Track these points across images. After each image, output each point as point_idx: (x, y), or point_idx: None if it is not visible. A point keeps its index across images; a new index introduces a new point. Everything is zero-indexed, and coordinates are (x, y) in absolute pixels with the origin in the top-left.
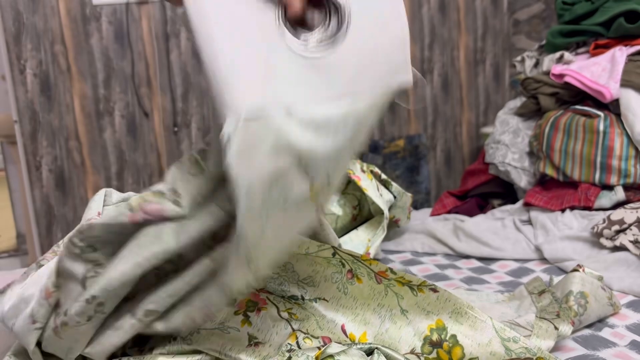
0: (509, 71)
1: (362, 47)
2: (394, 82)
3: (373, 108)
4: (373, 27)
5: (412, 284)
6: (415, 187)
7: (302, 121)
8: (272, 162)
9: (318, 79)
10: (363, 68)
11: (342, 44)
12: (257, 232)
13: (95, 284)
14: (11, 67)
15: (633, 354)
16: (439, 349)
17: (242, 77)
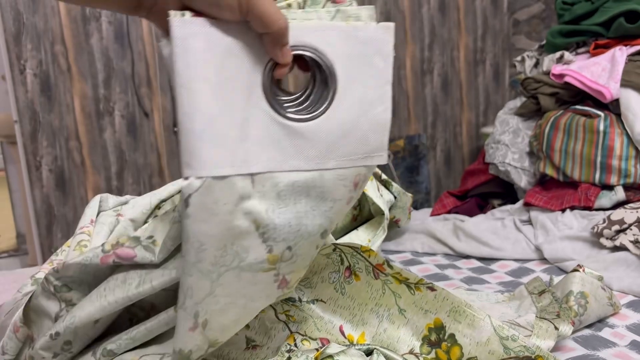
0: (508, 71)
1: (341, 124)
2: (366, 162)
3: (340, 183)
4: (356, 107)
5: (409, 282)
6: (415, 187)
7: (264, 187)
8: (229, 223)
9: (289, 144)
10: (337, 143)
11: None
12: (206, 290)
13: (61, 321)
14: (11, 67)
15: (633, 354)
16: (437, 349)
17: (215, 137)
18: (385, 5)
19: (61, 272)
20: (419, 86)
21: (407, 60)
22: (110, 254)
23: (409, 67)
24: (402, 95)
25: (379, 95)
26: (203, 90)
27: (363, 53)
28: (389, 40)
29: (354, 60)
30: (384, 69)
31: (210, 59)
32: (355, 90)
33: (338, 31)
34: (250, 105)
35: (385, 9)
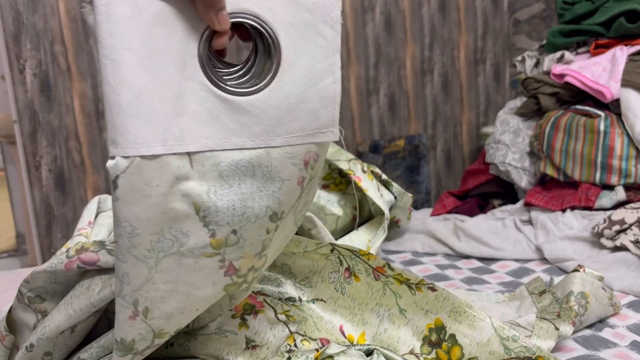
0: (509, 71)
1: (287, 97)
2: (316, 139)
3: (289, 161)
4: (303, 79)
5: (410, 282)
6: (415, 187)
7: (204, 166)
8: (164, 206)
9: (231, 120)
10: (284, 118)
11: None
12: (144, 276)
13: (34, 333)
14: (10, 67)
15: (634, 354)
16: (437, 349)
17: (144, 111)
18: (385, 5)
19: (31, 283)
20: (419, 86)
21: (407, 60)
22: (74, 259)
23: (409, 67)
24: (402, 95)
25: (327, 66)
26: (129, 61)
27: (309, 21)
28: (336, 6)
29: (299, 29)
30: (332, 37)
31: (136, 27)
32: (301, 61)
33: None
34: (186, 77)
35: (385, 8)
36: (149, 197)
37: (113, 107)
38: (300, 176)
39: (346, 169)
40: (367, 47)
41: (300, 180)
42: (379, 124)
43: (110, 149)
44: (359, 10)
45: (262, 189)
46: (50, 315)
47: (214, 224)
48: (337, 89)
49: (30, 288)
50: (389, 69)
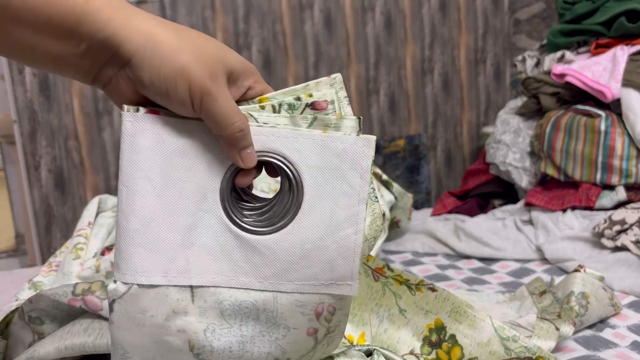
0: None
1: (303, 242)
2: (330, 290)
3: (298, 310)
4: (323, 225)
5: (409, 283)
6: (415, 187)
7: (206, 302)
8: (157, 337)
9: (242, 258)
10: (297, 263)
11: (283, 230)
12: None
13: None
14: (10, 67)
15: (634, 355)
16: (438, 350)
17: (149, 240)
18: (386, 4)
19: (34, 304)
20: (420, 86)
21: (408, 59)
22: (79, 299)
23: (409, 67)
24: (402, 95)
25: (350, 216)
26: (144, 190)
27: (337, 166)
28: (369, 155)
29: (325, 174)
30: (360, 186)
31: (156, 159)
32: (323, 206)
33: (311, 139)
34: (203, 209)
35: (386, 8)
36: (143, 327)
37: (121, 232)
38: (311, 327)
39: None
40: (367, 47)
41: (312, 332)
42: (379, 124)
43: (114, 272)
44: (359, 10)
45: (265, 334)
46: (43, 341)
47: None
48: (359, 240)
49: (32, 308)
50: (389, 69)
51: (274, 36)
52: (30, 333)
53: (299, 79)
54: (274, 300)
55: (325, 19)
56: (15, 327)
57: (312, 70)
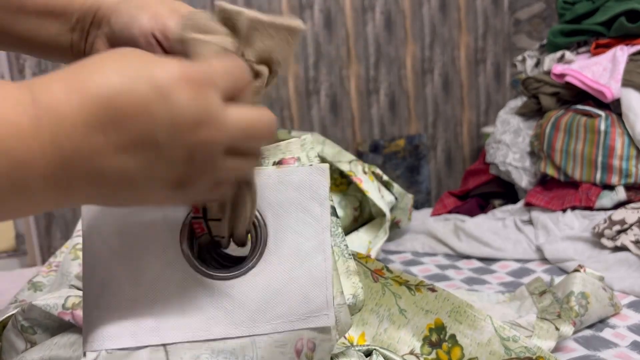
0: (509, 71)
1: (273, 278)
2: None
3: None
4: (291, 258)
5: (409, 283)
6: (415, 187)
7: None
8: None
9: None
10: (271, 302)
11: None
12: None
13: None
14: (10, 67)
15: (634, 355)
16: (438, 350)
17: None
18: (386, 4)
19: (27, 313)
20: (420, 86)
21: (408, 59)
22: (68, 313)
23: (409, 67)
24: (402, 95)
25: (317, 244)
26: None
27: (296, 199)
28: (325, 183)
29: (286, 208)
30: (321, 215)
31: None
32: (289, 240)
33: (267, 177)
34: (165, 263)
35: (386, 8)
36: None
37: (85, 300)
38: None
39: (347, 171)
40: (367, 47)
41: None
42: (379, 124)
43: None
44: (359, 9)
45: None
46: (31, 350)
47: None
48: (328, 266)
49: (25, 317)
50: (389, 69)
51: None
52: (23, 341)
53: (299, 79)
54: (252, 345)
55: (325, 19)
56: (10, 333)
57: (312, 70)
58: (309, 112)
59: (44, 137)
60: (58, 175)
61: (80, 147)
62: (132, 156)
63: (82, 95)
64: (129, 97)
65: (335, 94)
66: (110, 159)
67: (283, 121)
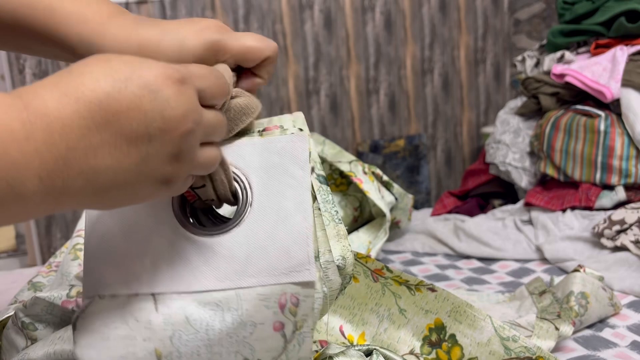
0: (509, 71)
1: (257, 235)
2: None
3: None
4: (273, 217)
5: (409, 283)
6: (415, 187)
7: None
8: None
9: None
10: (254, 257)
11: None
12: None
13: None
14: (10, 67)
15: (634, 355)
16: (438, 350)
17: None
18: (386, 4)
19: (29, 309)
20: (420, 86)
21: (408, 59)
22: (72, 301)
23: (409, 67)
24: (402, 95)
25: (297, 204)
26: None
27: (279, 163)
28: (305, 148)
29: (269, 171)
30: (302, 177)
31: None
32: (271, 200)
33: (251, 145)
34: (158, 222)
35: (386, 8)
36: (107, 340)
37: (85, 255)
38: (277, 321)
39: (347, 171)
40: (367, 47)
41: (279, 327)
42: (379, 124)
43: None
44: (359, 10)
45: (232, 335)
46: (34, 346)
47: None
48: (309, 225)
49: (26, 314)
50: (389, 69)
51: (274, 36)
52: (24, 339)
53: (299, 78)
54: (237, 298)
55: (325, 19)
56: (9, 331)
57: (312, 70)
58: (309, 112)
59: (37, 138)
60: (53, 175)
61: (75, 146)
62: (126, 153)
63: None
64: (121, 98)
65: (335, 94)
66: (105, 156)
67: None
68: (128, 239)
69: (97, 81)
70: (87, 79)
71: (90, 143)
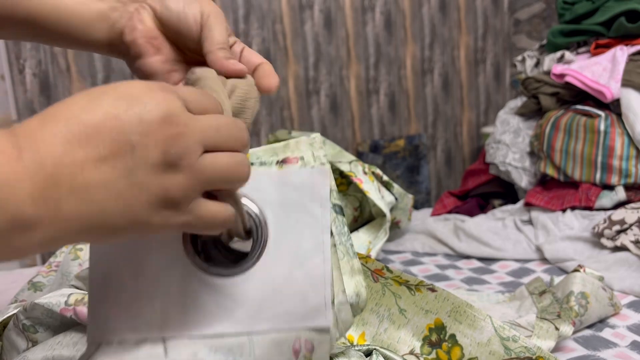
0: (509, 71)
1: (273, 278)
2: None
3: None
4: (290, 258)
5: (409, 283)
6: (415, 187)
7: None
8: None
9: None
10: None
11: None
12: None
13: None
14: (10, 67)
15: (634, 355)
16: (438, 350)
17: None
18: (386, 4)
19: (29, 312)
20: (420, 86)
21: (408, 59)
22: (70, 309)
23: (409, 67)
24: (402, 95)
25: (316, 245)
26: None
27: (297, 200)
28: (326, 184)
29: (287, 208)
30: (322, 215)
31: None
32: (288, 240)
33: (268, 177)
34: (168, 259)
35: (386, 8)
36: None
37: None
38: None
39: (347, 171)
40: (367, 47)
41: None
42: (379, 124)
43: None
44: (359, 10)
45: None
46: (33, 350)
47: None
48: (328, 268)
49: (27, 316)
50: (389, 69)
51: (274, 36)
52: (25, 340)
53: (299, 78)
54: (250, 344)
55: (325, 19)
56: (10, 332)
57: (312, 70)
58: (309, 112)
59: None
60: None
61: (62, 163)
62: (112, 165)
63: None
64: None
65: (335, 94)
66: (92, 171)
67: (283, 121)
68: (136, 278)
69: (74, 99)
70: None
71: (75, 159)
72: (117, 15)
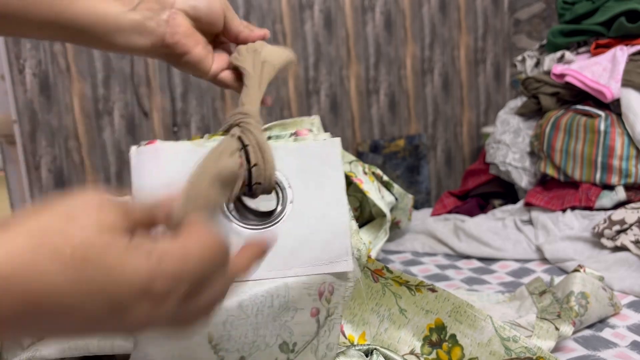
0: (509, 71)
1: (301, 229)
2: (331, 269)
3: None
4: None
5: (409, 284)
6: (415, 187)
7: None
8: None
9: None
10: (299, 249)
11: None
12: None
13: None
14: (10, 67)
15: (634, 355)
16: (438, 350)
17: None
18: (386, 4)
19: None
20: (420, 86)
21: (408, 59)
22: None
23: (409, 67)
24: (402, 95)
25: (335, 200)
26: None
27: (314, 166)
28: (337, 153)
29: (305, 173)
30: (336, 176)
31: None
32: (311, 198)
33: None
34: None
35: (386, 8)
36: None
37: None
38: (314, 307)
39: (347, 171)
40: (367, 47)
41: (315, 312)
42: (379, 124)
43: None
44: (359, 9)
45: (277, 318)
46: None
47: (224, 350)
48: (346, 219)
49: None
50: (389, 69)
51: (274, 36)
52: None
53: (299, 79)
54: (285, 287)
55: (325, 19)
56: None
57: (312, 70)
58: (309, 112)
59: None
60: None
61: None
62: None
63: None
64: (45, 223)
65: (335, 94)
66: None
67: None
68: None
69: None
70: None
71: (51, 282)
72: (153, 24)
